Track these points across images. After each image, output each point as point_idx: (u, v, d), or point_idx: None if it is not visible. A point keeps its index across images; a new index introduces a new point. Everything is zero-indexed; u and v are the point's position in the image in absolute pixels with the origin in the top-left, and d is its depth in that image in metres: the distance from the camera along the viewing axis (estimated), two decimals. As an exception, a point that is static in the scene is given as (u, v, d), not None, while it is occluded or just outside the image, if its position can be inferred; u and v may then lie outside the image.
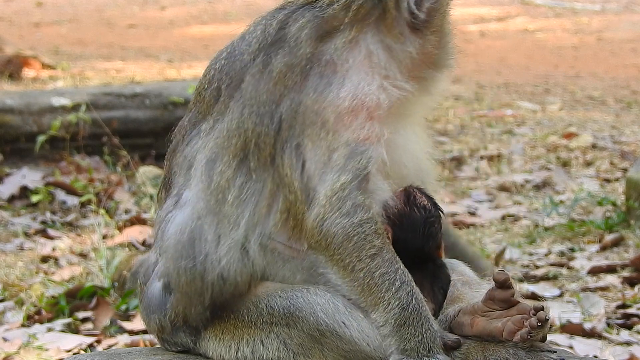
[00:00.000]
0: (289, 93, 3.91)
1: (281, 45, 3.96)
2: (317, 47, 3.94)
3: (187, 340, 4.13)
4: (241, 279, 3.98)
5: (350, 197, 3.84)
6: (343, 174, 3.85)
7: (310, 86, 3.90)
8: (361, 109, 3.89)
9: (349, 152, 3.86)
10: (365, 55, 3.94)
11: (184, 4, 27.27)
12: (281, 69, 3.93)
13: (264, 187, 3.94)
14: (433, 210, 4.04)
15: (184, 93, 11.23)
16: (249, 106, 3.96)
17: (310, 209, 3.86)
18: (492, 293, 3.91)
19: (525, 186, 10.55)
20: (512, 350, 3.87)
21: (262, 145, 3.92)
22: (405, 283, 3.85)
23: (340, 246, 3.85)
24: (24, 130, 10.85)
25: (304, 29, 3.96)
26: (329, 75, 3.91)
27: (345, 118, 3.88)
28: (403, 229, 3.97)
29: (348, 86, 3.89)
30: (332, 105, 3.88)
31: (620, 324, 6.92)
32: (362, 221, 3.85)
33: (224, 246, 3.97)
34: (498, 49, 19.45)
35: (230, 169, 3.97)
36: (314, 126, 3.88)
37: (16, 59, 16.67)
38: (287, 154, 3.89)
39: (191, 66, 18.09)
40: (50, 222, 9.70)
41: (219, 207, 3.98)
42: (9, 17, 24.75)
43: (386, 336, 3.85)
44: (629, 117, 14.17)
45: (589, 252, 8.39)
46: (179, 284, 4.05)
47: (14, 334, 7.07)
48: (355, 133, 3.87)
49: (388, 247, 3.88)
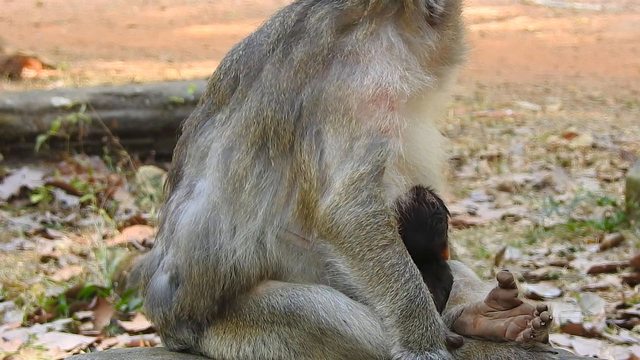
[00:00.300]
0: (310, 81, 3.93)
1: (301, 35, 3.99)
2: (338, 38, 3.97)
3: (189, 337, 4.12)
4: (254, 272, 3.98)
5: (367, 188, 3.86)
6: (362, 165, 3.87)
7: (334, 74, 3.93)
8: (384, 97, 3.92)
9: (370, 143, 3.88)
10: (387, 47, 3.97)
11: (184, 4, 27.28)
12: (302, 57, 3.95)
13: (282, 176, 3.95)
14: (441, 208, 4.05)
15: (184, 93, 11.23)
16: (269, 94, 3.98)
17: (324, 196, 3.87)
18: (496, 293, 3.91)
19: (525, 186, 10.54)
20: (514, 350, 3.87)
21: (282, 132, 3.93)
22: (414, 276, 3.87)
23: (352, 234, 3.87)
24: (24, 130, 10.85)
25: (323, 19, 3.98)
26: (352, 64, 3.94)
27: (369, 106, 3.91)
28: (410, 222, 3.98)
29: (372, 74, 3.92)
30: (357, 92, 3.91)
31: (620, 324, 6.92)
32: (376, 212, 3.87)
33: (240, 237, 3.97)
34: (498, 49, 19.45)
35: (249, 157, 3.98)
36: (337, 113, 3.90)
37: (16, 59, 16.66)
38: (307, 141, 3.90)
39: (191, 66, 18.08)
40: (50, 222, 9.69)
41: (236, 196, 3.98)
42: (9, 17, 24.76)
43: (390, 327, 3.86)
44: (629, 117, 14.17)
45: (589, 252, 8.39)
46: (190, 275, 4.03)
47: (14, 334, 7.07)
48: (377, 122, 3.90)
49: (399, 241, 3.89)
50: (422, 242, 4.01)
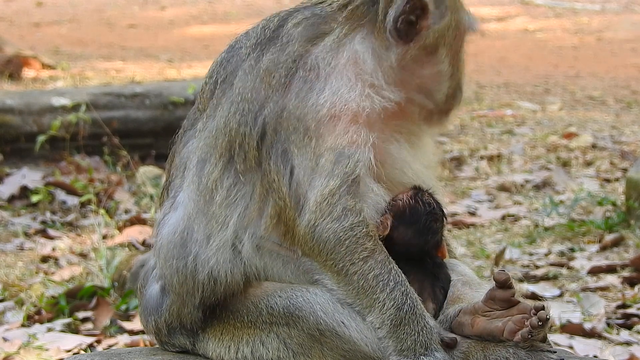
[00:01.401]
0: (273, 95, 3.90)
1: (275, 42, 3.96)
2: (306, 47, 3.93)
3: (185, 342, 4.13)
4: (233, 279, 3.97)
5: (340, 202, 3.84)
6: (332, 179, 3.84)
7: (294, 90, 3.89)
8: (341, 114, 3.87)
9: (335, 157, 3.85)
10: (351, 59, 3.93)
11: (184, 4, 27.27)
12: (268, 65, 3.93)
13: (253, 190, 3.94)
14: (437, 209, 4.05)
15: (184, 93, 11.23)
16: (236, 104, 3.95)
17: (301, 215, 3.85)
18: (493, 293, 3.91)
19: (525, 186, 10.54)
20: (513, 350, 3.87)
21: (247, 147, 3.91)
22: (399, 283, 3.85)
23: (332, 251, 3.85)
24: (24, 130, 10.85)
25: (298, 26, 3.96)
26: (312, 80, 3.90)
27: (326, 124, 3.87)
28: (405, 219, 3.98)
29: (327, 92, 3.88)
30: (312, 111, 3.87)
31: (620, 324, 6.92)
32: (353, 225, 3.85)
33: (213, 246, 3.97)
34: (498, 49, 19.44)
35: (217, 169, 3.97)
36: (298, 133, 3.87)
37: (16, 59, 16.66)
38: (274, 160, 3.88)
39: (191, 66, 18.09)
40: (50, 222, 9.69)
41: (207, 208, 3.97)
42: (9, 17, 24.75)
43: (383, 338, 3.85)
44: (629, 117, 14.17)
45: (589, 252, 8.39)
46: (172, 284, 4.05)
47: (14, 334, 7.07)
48: (338, 138, 3.86)
49: (380, 249, 3.88)
50: (415, 240, 4.00)
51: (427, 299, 4.00)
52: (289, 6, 4.15)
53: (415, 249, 4.01)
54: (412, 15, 3.93)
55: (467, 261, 8.06)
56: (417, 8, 3.94)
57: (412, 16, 3.93)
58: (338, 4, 3.98)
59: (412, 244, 4.00)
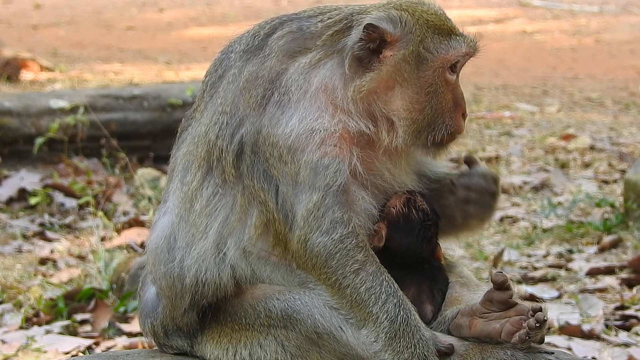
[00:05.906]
0: (250, 114, 3.90)
1: (259, 52, 3.97)
2: (285, 64, 3.93)
3: (183, 344, 4.14)
4: (222, 282, 3.99)
5: (327, 215, 3.84)
6: (314, 192, 3.84)
7: (268, 115, 3.90)
8: (310, 139, 3.86)
9: (312, 170, 3.84)
10: (321, 86, 3.91)
11: (182, 6, 27.28)
12: (248, 77, 3.93)
13: (234, 202, 3.94)
14: (431, 214, 4.05)
15: (182, 95, 11.23)
16: (217, 114, 3.97)
17: (292, 231, 3.86)
18: (491, 294, 3.91)
19: (523, 188, 10.55)
20: (510, 351, 3.87)
21: (224, 162, 3.93)
22: (391, 294, 3.84)
23: (324, 265, 3.85)
24: (22, 133, 10.84)
25: (282, 38, 3.96)
26: (284, 105, 3.89)
27: (296, 149, 3.86)
28: (399, 229, 3.98)
29: (295, 120, 3.86)
30: (283, 139, 3.86)
31: (619, 326, 6.92)
32: (342, 237, 3.85)
33: (194, 253, 3.99)
34: (496, 51, 19.45)
35: (196, 178, 4.00)
36: (273, 158, 3.88)
37: (14, 61, 16.66)
38: (257, 178, 3.88)
39: (189, 68, 18.09)
40: (48, 225, 9.69)
41: (188, 216, 4.00)
42: (7, 19, 24.76)
43: (379, 352, 3.84)
44: (627, 119, 14.18)
45: (587, 253, 8.39)
46: (162, 288, 4.08)
47: (12, 336, 7.07)
48: (312, 154, 3.85)
49: (372, 260, 3.87)
50: (411, 248, 4.01)
51: (425, 301, 4.00)
52: (287, 8, 4.15)
53: (411, 256, 4.01)
54: (372, 44, 3.89)
55: (466, 263, 8.06)
56: (377, 37, 3.89)
57: (371, 45, 3.89)
58: (324, 24, 3.96)
59: (409, 253, 4.01)
